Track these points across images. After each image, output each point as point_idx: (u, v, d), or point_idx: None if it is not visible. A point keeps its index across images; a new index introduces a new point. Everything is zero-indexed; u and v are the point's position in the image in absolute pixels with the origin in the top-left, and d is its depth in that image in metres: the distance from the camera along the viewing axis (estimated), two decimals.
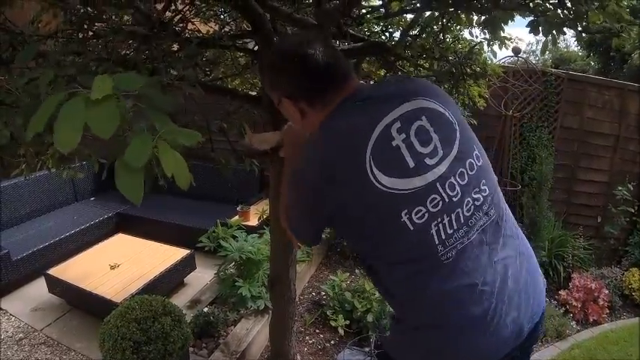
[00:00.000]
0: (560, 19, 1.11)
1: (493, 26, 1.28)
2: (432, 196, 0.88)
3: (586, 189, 4.09)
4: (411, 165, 0.88)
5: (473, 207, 0.91)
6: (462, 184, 0.91)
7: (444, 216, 0.88)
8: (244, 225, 3.41)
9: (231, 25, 2.08)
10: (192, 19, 1.68)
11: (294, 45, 1.01)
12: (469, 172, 0.93)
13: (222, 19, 2.08)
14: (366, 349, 2.54)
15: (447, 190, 0.89)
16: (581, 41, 9.47)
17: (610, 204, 3.93)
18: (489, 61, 2.15)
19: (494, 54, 1.95)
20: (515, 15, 1.38)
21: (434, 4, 1.45)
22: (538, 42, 15.94)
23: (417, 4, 1.66)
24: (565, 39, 18.43)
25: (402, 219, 0.87)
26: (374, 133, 0.88)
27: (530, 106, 3.83)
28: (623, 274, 3.57)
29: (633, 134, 3.90)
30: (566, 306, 3.23)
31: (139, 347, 1.96)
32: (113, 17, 1.35)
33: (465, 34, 2.00)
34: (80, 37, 1.40)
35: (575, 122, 3.94)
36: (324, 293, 3.11)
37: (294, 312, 2.16)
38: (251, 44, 1.91)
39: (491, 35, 1.55)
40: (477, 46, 1.94)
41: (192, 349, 2.40)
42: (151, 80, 0.61)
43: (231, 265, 2.92)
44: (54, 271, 2.85)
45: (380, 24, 1.99)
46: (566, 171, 4.03)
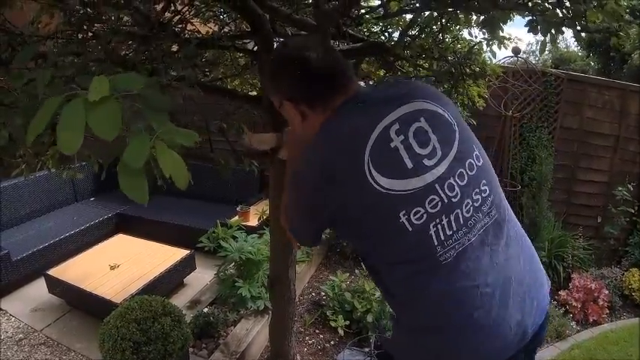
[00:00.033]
0: (558, 19, 1.11)
1: (492, 26, 1.27)
2: (431, 197, 0.88)
3: (586, 189, 4.08)
4: (410, 166, 0.88)
5: (472, 208, 0.91)
6: (461, 184, 0.91)
7: (443, 217, 0.88)
8: (244, 225, 3.41)
9: (231, 25, 2.08)
10: (192, 20, 1.68)
11: (296, 48, 1.02)
12: (469, 173, 0.92)
13: (221, 20, 2.07)
14: (366, 350, 2.54)
15: (446, 190, 0.89)
16: (581, 41, 9.46)
17: (610, 204, 3.92)
18: (489, 61, 2.15)
19: (493, 54, 1.94)
20: (515, 15, 1.38)
21: (433, 4, 1.45)
22: (538, 42, 15.85)
23: (415, 4, 1.66)
24: (565, 39, 18.42)
25: (401, 220, 0.87)
26: (373, 135, 0.88)
27: (530, 107, 3.83)
28: (623, 275, 3.57)
29: (633, 134, 3.90)
30: (566, 306, 3.23)
31: (138, 348, 1.96)
32: (112, 18, 1.35)
33: (465, 34, 2.00)
34: (80, 37, 1.40)
35: (575, 122, 3.93)
36: (323, 294, 3.11)
37: (294, 312, 2.16)
38: (250, 45, 1.91)
39: (490, 35, 1.55)
40: (476, 46, 1.93)
41: (192, 350, 2.40)
42: (150, 81, 0.61)
43: (231, 265, 2.92)
44: (54, 271, 2.85)
45: (379, 24, 1.98)
46: (566, 171, 4.02)
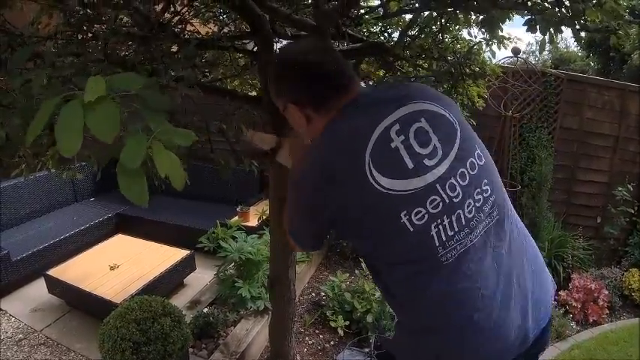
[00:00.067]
0: (557, 17, 1.11)
1: (491, 25, 1.27)
2: (432, 197, 0.87)
3: (586, 189, 4.08)
4: (410, 166, 0.88)
5: (474, 208, 0.90)
6: (462, 184, 0.90)
7: (445, 217, 0.87)
8: (244, 226, 3.41)
9: (231, 26, 2.08)
10: (191, 21, 1.68)
11: (299, 52, 1.02)
12: (470, 172, 0.92)
13: (221, 21, 2.07)
14: (366, 350, 2.54)
15: (448, 191, 0.88)
16: (580, 41, 9.44)
17: (610, 204, 3.93)
18: (488, 62, 2.14)
19: (493, 54, 1.93)
20: (514, 15, 1.38)
21: (432, 3, 1.45)
22: (537, 42, 15.82)
23: (415, 4, 1.66)
24: (565, 39, 18.38)
25: (402, 220, 0.86)
26: (373, 135, 0.88)
27: (529, 107, 3.83)
28: (622, 275, 3.57)
29: (633, 135, 3.90)
30: (565, 306, 3.23)
31: (138, 348, 1.96)
32: (111, 17, 1.35)
33: (464, 34, 2.00)
34: (79, 38, 1.40)
35: (574, 123, 3.93)
36: (323, 294, 3.11)
37: (294, 313, 2.16)
38: (250, 45, 1.91)
39: (489, 35, 1.54)
40: (475, 46, 1.93)
41: (191, 350, 2.40)
42: (148, 81, 0.61)
43: (230, 265, 2.92)
44: (54, 271, 2.85)
45: (378, 24, 1.98)
46: (565, 171, 4.02)
